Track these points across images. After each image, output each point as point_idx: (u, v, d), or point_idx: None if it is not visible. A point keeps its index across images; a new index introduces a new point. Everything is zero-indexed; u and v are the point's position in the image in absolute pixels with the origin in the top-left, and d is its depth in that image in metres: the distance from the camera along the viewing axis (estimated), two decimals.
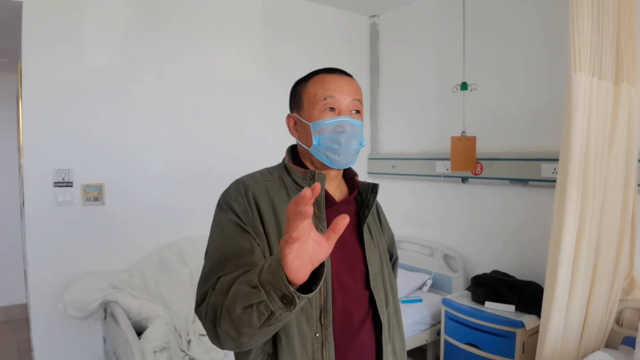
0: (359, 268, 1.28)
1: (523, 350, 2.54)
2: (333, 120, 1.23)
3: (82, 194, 2.85)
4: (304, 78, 1.31)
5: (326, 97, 1.23)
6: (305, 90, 1.27)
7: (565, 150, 2.15)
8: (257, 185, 1.24)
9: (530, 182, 2.99)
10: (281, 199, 1.23)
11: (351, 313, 1.24)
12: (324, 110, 1.23)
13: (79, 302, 2.58)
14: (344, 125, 1.23)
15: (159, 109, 3.09)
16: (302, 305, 1.03)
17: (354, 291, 1.25)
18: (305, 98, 1.26)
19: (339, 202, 1.30)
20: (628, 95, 2.33)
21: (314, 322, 1.17)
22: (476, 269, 3.32)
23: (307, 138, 1.26)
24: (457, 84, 3.23)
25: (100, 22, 2.86)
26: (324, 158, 1.24)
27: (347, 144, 1.23)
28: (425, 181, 3.68)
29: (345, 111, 1.24)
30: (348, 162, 1.26)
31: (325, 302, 1.18)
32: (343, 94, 1.24)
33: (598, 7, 2.14)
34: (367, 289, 1.27)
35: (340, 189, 1.35)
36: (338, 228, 0.86)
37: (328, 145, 1.22)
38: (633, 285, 2.51)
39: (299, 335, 1.16)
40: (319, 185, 0.82)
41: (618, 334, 2.50)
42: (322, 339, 1.17)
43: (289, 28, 3.66)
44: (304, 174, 1.25)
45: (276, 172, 1.31)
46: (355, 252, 1.29)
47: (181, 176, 3.19)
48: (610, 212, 2.33)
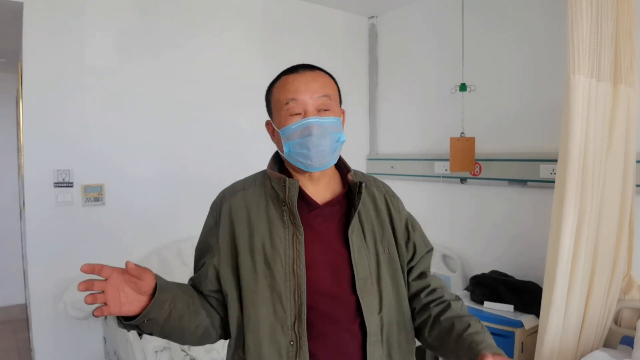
0: (345, 272, 1.23)
1: (522, 349, 2.55)
2: (298, 124, 1.19)
3: (83, 195, 2.85)
4: (272, 82, 1.27)
5: (288, 102, 1.19)
6: (271, 97, 1.25)
7: (564, 151, 2.16)
8: (234, 196, 1.27)
9: (528, 182, 3.01)
10: (259, 208, 1.24)
11: (335, 319, 1.22)
12: (289, 116, 1.20)
13: (79, 302, 2.58)
14: (310, 127, 1.18)
15: (160, 109, 3.10)
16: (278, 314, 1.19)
17: (338, 297, 1.22)
18: (273, 104, 1.24)
19: (323, 204, 1.27)
20: (626, 96, 2.35)
21: (288, 330, 1.17)
22: (475, 269, 3.34)
23: (281, 144, 1.24)
24: (456, 85, 3.24)
25: (100, 22, 2.87)
26: (298, 163, 1.23)
27: (317, 146, 1.18)
28: (424, 182, 3.69)
29: (311, 111, 1.19)
30: (324, 163, 1.22)
31: (299, 310, 1.17)
32: (306, 94, 1.19)
33: (597, 8, 2.15)
34: (354, 294, 1.22)
35: (331, 188, 1.31)
36: (133, 272, 1.04)
37: (298, 150, 1.20)
38: (631, 285, 2.53)
39: (273, 343, 1.17)
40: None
41: (616, 333, 2.52)
42: (297, 346, 1.17)
43: (288, 29, 3.67)
44: (279, 179, 1.23)
45: (260, 178, 1.31)
46: (341, 255, 1.24)
47: (181, 176, 3.19)
48: (608, 213, 2.34)
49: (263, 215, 1.23)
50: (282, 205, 1.22)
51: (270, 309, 1.18)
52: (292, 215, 1.20)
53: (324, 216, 1.26)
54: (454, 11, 3.37)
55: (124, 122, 2.97)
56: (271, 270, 1.19)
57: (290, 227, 1.21)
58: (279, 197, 1.22)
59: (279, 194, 1.23)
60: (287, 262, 1.19)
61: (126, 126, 2.98)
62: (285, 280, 1.18)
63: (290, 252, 1.19)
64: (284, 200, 1.21)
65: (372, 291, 1.25)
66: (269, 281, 1.19)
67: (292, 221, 1.21)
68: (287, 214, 1.21)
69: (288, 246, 1.20)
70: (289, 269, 1.18)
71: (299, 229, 1.20)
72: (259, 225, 1.22)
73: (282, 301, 1.17)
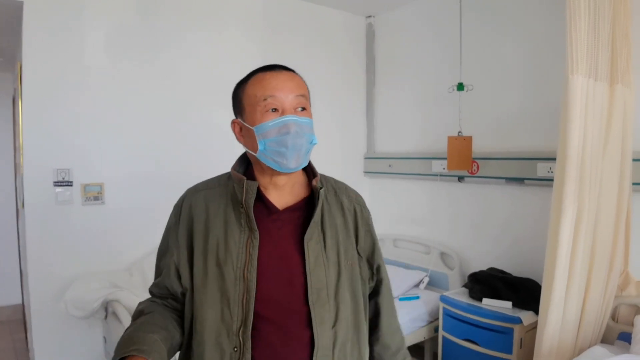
0: (299, 281, 1.19)
1: (521, 345, 2.58)
2: (277, 121, 1.16)
3: (82, 193, 2.85)
4: (243, 79, 1.25)
5: (266, 98, 1.16)
6: (244, 93, 1.21)
7: (563, 150, 2.18)
8: (195, 195, 1.28)
9: (526, 181, 3.04)
10: (218, 209, 1.22)
11: (284, 329, 1.18)
12: (266, 112, 1.16)
13: (80, 302, 2.59)
14: (289, 125, 1.15)
15: (160, 109, 3.10)
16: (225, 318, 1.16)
17: (289, 307, 1.18)
18: (246, 101, 1.20)
19: (283, 209, 1.23)
20: (623, 96, 2.38)
21: (234, 336, 1.15)
22: (472, 267, 3.37)
23: (252, 143, 1.19)
24: (454, 84, 3.27)
25: (100, 21, 2.87)
26: (271, 162, 1.18)
27: (295, 145, 1.16)
28: (421, 180, 3.72)
29: (289, 110, 1.17)
30: (299, 164, 1.19)
31: (245, 317, 1.14)
32: (285, 91, 1.17)
33: (594, 9, 2.18)
34: (305, 304, 1.18)
35: (295, 194, 1.27)
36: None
37: (275, 148, 1.16)
38: (628, 282, 2.56)
39: (217, 348, 1.15)
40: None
41: (614, 329, 2.56)
42: (239, 354, 1.14)
43: (286, 28, 3.68)
44: (239, 181, 1.20)
45: (224, 179, 1.28)
46: (296, 264, 1.20)
47: (181, 175, 3.16)
48: (605, 210, 2.37)
49: (221, 216, 1.21)
50: (240, 207, 1.19)
51: (218, 312, 1.16)
52: (248, 218, 1.18)
53: (282, 221, 1.23)
54: (452, 11, 3.39)
55: (124, 121, 2.97)
56: (222, 272, 1.16)
57: (247, 230, 1.18)
58: (238, 198, 1.20)
59: (237, 195, 1.20)
60: (238, 265, 1.16)
61: (126, 125, 2.98)
62: (235, 285, 1.15)
63: (242, 256, 1.16)
64: (242, 202, 1.18)
65: (327, 303, 1.20)
66: (219, 284, 1.16)
67: (248, 224, 1.18)
68: (244, 216, 1.19)
69: (241, 249, 1.17)
70: (240, 273, 1.15)
71: (254, 233, 1.17)
72: (216, 226, 1.20)
73: (230, 305, 1.15)
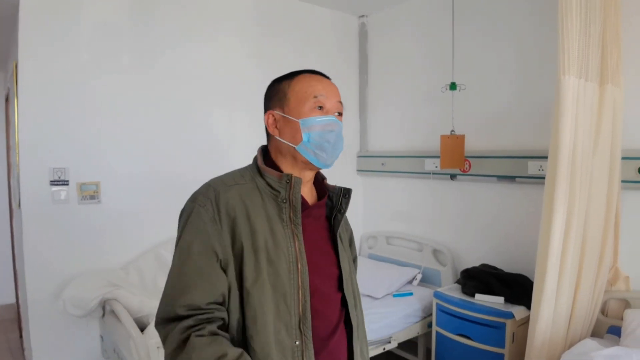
0: (331, 272, 1.28)
1: (513, 340, 2.64)
2: (324, 118, 1.23)
3: (79, 193, 2.86)
4: (287, 76, 1.29)
5: (317, 96, 1.23)
6: (291, 88, 1.25)
7: (555, 149, 2.23)
8: (229, 191, 1.20)
9: (517, 178, 3.09)
10: (255, 204, 1.20)
11: (326, 316, 1.25)
12: (314, 108, 1.23)
13: (78, 300, 2.60)
14: (333, 124, 1.24)
15: (155, 107, 3.12)
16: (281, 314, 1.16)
17: (327, 295, 1.26)
18: (292, 95, 1.24)
19: (311, 206, 1.29)
20: (612, 96, 2.44)
21: (293, 330, 1.16)
22: (464, 263, 3.42)
23: (293, 135, 1.23)
24: (446, 84, 3.31)
25: (95, 20, 2.87)
26: (311, 156, 1.22)
27: (336, 143, 1.24)
28: (414, 178, 3.76)
29: (332, 111, 1.25)
30: (332, 162, 1.26)
31: (303, 309, 1.18)
32: (330, 95, 1.25)
33: (585, 10, 2.23)
34: (339, 292, 1.29)
35: (312, 193, 1.34)
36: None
37: (318, 142, 1.21)
38: (617, 277, 2.63)
39: (278, 345, 1.15)
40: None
41: (603, 323, 2.62)
42: (302, 346, 1.17)
43: (279, 27, 3.70)
44: (279, 177, 1.22)
45: (248, 175, 1.27)
46: (329, 256, 1.29)
47: (177, 174, 3.21)
48: (595, 207, 2.43)
49: (261, 211, 1.20)
50: (282, 202, 1.21)
51: (274, 309, 1.16)
52: (295, 213, 1.21)
53: (313, 217, 1.29)
54: (445, 11, 3.43)
55: (120, 120, 2.98)
56: (275, 268, 1.16)
57: (289, 225, 1.21)
58: (279, 194, 1.21)
59: (279, 191, 1.21)
60: (290, 260, 1.18)
61: (122, 124, 2.99)
62: (290, 279, 1.17)
63: (292, 250, 1.19)
64: (286, 197, 1.21)
65: (351, 290, 1.32)
66: (272, 280, 1.16)
67: (292, 219, 1.21)
68: (287, 211, 1.21)
69: (290, 244, 1.19)
70: (293, 267, 1.18)
71: (297, 227, 1.21)
72: (259, 222, 1.18)
73: (287, 300, 1.16)
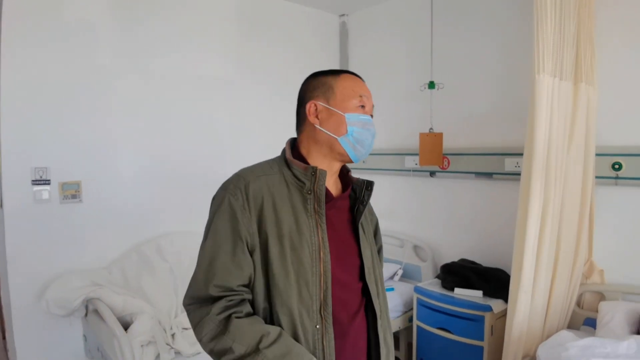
0: (353, 262, 1.35)
1: (492, 332, 2.70)
2: (366, 117, 1.33)
3: (60, 192, 2.84)
4: (331, 72, 1.36)
5: (362, 95, 1.32)
6: (338, 83, 1.33)
7: (530, 145, 2.30)
8: (257, 181, 1.27)
9: (494, 175, 3.16)
10: (282, 194, 1.27)
11: (347, 304, 1.31)
12: (358, 106, 1.32)
13: (61, 300, 2.59)
14: (371, 123, 1.34)
15: (137, 107, 3.11)
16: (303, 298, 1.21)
17: (349, 284, 1.32)
18: (339, 90, 1.32)
19: (335, 197, 1.36)
20: (586, 94, 2.51)
21: (315, 315, 1.23)
22: (444, 258, 3.48)
23: (337, 127, 1.30)
24: (425, 82, 3.36)
25: (78, 19, 2.85)
26: (350, 149, 1.31)
27: (371, 140, 1.35)
28: (395, 175, 3.82)
29: (369, 112, 1.35)
30: (364, 157, 1.36)
31: (325, 295, 1.24)
32: (369, 97, 1.36)
33: (560, 11, 2.29)
34: (361, 281, 1.35)
35: (337, 185, 1.41)
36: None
37: (358, 137, 1.31)
38: (592, 270, 2.71)
39: (302, 328, 1.23)
40: None
41: (579, 315, 2.70)
42: (322, 330, 1.24)
43: (260, 25, 3.71)
44: (305, 169, 1.29)
45: (276, 166, 1.33)
46: (351, 246, 1.36)
47: (158, 173, 3.21)
48: (570, 203, 2.50)
49: (287, 202, 1.27)
50: (307, 193, 1.28)
51: (297, 294, 1.23)
52: (319, 204, 1.28)
53: (337, 208, 1.36)
54: (424, 10, 3.48)
55: (101, 119, 2.97)
56: (298, 256, 1.23)
57: (313, 215, 1.27)
58: (304, 185, 1.28)
59: (304, 182, 1.28)
60: (314, 248, 1.25)
61: (103, 123, 2.98)
62: (312, 266, 1.24)
63: (315, 239, 1.26)
64: (311, 189, 1.28)
65: (373, 279, 1.38)
66: (296, 267, 1.23)
67: (316, 209, 1.28)
68: (312, 202, 1.28)
69: (313, 233, 1.26)
70: (316, 255, 1.25)
71: (321, 218, 1.28)
72: (284, 212, 1.25)
73: (309, 287, 1.23)
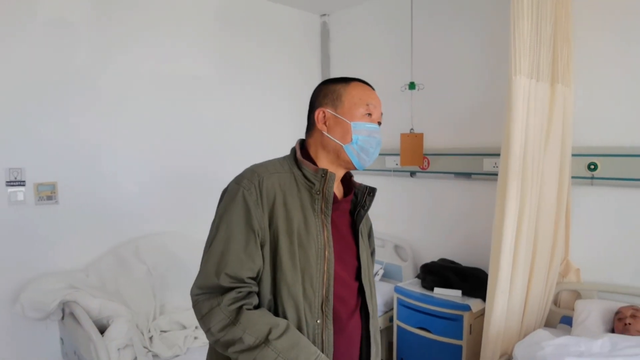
0: (351, 262, 1.41)
1: (470, 331, 2.72)
2: (372, 125, 1.36)
3: (36, 193, 2.80)
4: (341, 80, 1.40)
5: (369, 103, 1.36)
6: (347, 91, 1.36)
7: (506, 146, 2.32)
8: (271, 177, 1.31)
9: (473, 175, 3.19)
10: (292, 192, 1.31)
11: (346, 301, 1.37)
12: (365, 115, 1.35)
13: (37, 303, 2.55)
14: (377, 132, 1.37)
15: (113, 106, 3.06)
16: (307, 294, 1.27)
17: (347, 282, 1.38)
18: (347, 98, 1.35)
19: (340, 200, 1.40)
20: (563, 95, 2.54)
21: (316, 310, 1.28)
22: (424, 258, 3.50)
23: (343, 134, 1.34)
24: (406, 83, 3.38)
25: (51, 16, 2.80)
26: (354, 156, 1.35)
27: (376, 148, 1.37)
28: (375, 176, 3.82)
29: (376, 120, 1.38)
30: (368, 165, 1.39)
31: (327, 292, 1.30)
32: (377, 105, 1.39)
33: (537, 12, 2.31)
34: (357, 281, 1.41)
35: (340, 189, 1.46)
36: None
37: (363, 145, 1.34)
38: (568, 269, 2.74)
39: (304, 322, 1.27)
40: None
41: (556, 314, 2.74)
42: (323, 325, 1.29)
43: (241, 25, 3.69)
44: (315, 171, 1.33)
45: (287, 164, 1.37)
46: (350, 247, 1.42)
47: (136, 174, 3.17)
48: (547, 203, 2.53)
49: (297, 200, 1.31)
50: (315, 194, 1.32)
51: (301, 290, 1.27)
52: (326, 205, 1.32)
53: (340, 211, 1.42)
54: (404, 11, 3.49)
55: (77, 119, 2.92)
56: (305, 253, 1.28)
57: (320, 215, 1.32)
58: (314, 186, 1.32)
59: (314, 183, 1.32)
60: (319, 247, 1.30)
61: (79, 123, 2.93)
62: (317, 263, 1.29)
63: (321, 238, 1.30)
64: (320, 190, 1.32)
65: (368, 280, 1.44)
66: (303, 263, 1.28)
67: (323, 210, 1.32)
68: (319, 203, 1.32)
69: (319, 232, 1.31)
70: (321, 253, 1.30)
71: (327, 218, 1.33)
72: (294, 210, 1.29)
73: (313, 283, 1.28)
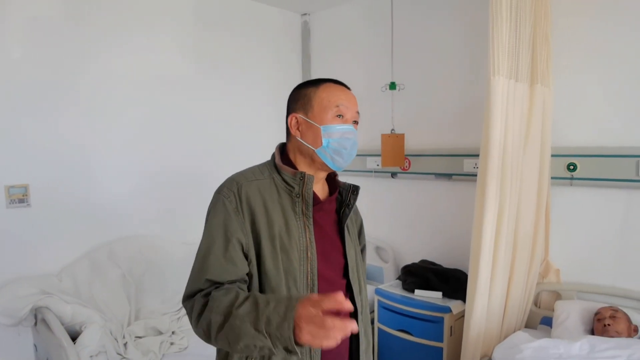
0: (338, 260, 1.42)
1: (451, 333, 2.71)
2: (343, 126, 1.35)
3: (7, 196, 2.72)
4: (312, 83, 1.40)
5: (338, 105, 1.34)
6: (316, 95, 1.36)
7: (485, 147, 2.31)
8: (250, 185, 1.33)
9: (453, 176, 3.18)
10: (272, 198, 1.33)
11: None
12: (335, 116, 1.34)
13: (8, 309, 2.48)
14: (350, 132, 1.36)
15: (88, 107, 2.99)
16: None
17: (333, 280, 1.39)
18: (317, 102, 1.35)
19: (323, 201, 1.41)
20: (542, 95, 2.53)
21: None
22: (406, 259, 3.48)
23: (314, 139, 1.34)
24: (386, 83, 3.36)
25: (24, 15, 2.73)
26: (328, 159, 1.35)
27: (351, 149, 1.36)
28: (356, 176, 3.79)
29: (350, 120, 1.37)
30: (346, 166, 1.38)
31: (311, 291, 1.31)
32: (350, 105, 1.37)
33: (516, 13, 2.31)
34: (344, 278, 1.42)
35: (324, 189, 1.46)
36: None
37: (335, 148, 1.33)
38: (548, 270, 2.74)
39: None
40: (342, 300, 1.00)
41: (536, 314, 2.73)
42: None
43: (221, 24, 3.64)
44: (294, 174, 1.34)
45: (266, 171, 1.38)
46: (336, 246, 1.42)
47: (110, 176, 3.10)
48: (526, 203, 2.52)
49: (277, 205, 1.33)
50: (295, 197, 1.34)
51: (285, 291, 1.29)
52: (306, 206, 1.33)
53: (324, 211, 1.42)
54: (384, 11, 3.47)
55: (48, 119, 2.85)
56: (288, 255, 1.30)
57: (301, 217, 1.34)
58: (293, 189, 1.34)
59: (293, 186, 1.34)
60: (301, 248, 1.31)
61: (50, 124, 2.86)
62: (300, 264, 1.30)
63: (303, 240, 1.32)
64: (299, 192, 1.33)
65: (356, 277, 1.45)
66: (286, 266, 1.29)
67: (304, 212, 1.34)
68: (300, 205, 1.34)
69: (301, 234, 1.32)
70: (303, 255, 1.31)
71: (308, 220, 1.34)
72: (275, 214, 1.31)
73: (297, 284, 1.30)
